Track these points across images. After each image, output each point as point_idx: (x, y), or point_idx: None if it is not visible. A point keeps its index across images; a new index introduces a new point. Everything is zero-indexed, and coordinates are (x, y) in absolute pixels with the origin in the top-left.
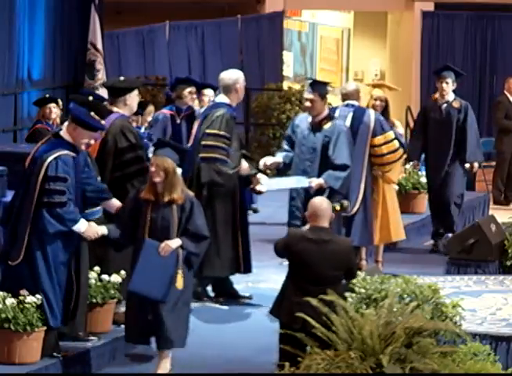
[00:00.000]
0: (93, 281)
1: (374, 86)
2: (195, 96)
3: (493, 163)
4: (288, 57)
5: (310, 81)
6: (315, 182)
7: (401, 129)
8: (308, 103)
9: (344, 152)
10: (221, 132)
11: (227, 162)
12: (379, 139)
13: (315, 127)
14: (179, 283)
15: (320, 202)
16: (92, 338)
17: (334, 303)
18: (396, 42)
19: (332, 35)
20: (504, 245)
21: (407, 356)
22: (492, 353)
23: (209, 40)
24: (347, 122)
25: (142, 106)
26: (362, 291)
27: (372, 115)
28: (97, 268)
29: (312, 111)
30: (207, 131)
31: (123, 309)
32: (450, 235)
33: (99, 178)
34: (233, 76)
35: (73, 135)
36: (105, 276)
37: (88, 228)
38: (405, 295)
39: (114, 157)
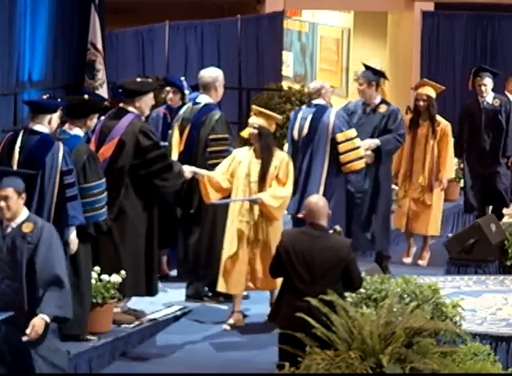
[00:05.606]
0: (93, 281)
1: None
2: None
3: None
4: (288, 57)
5: None
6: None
7: None
8: None
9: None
10: (225, 135)
11: None
12: (339, 136)
13: None
14: None
15: (316, 200)
16: (92, 337)
17: (334, 303)
18: (396, 42)
19: (332, 35)
20: (504, 245)
21: (407, 356)
22: (492, 353)
23: (208, 40)
24: (307, 123)
25: None
26: (362, 290)
27: (332, 114)
28: (97, 268)
29: None
30: (212, 137)
31: (123, 308)
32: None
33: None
34: (213, 74)
35: (52, 124)
36: (105, 276)
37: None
38: (405, 295)
39: (134, 156)
